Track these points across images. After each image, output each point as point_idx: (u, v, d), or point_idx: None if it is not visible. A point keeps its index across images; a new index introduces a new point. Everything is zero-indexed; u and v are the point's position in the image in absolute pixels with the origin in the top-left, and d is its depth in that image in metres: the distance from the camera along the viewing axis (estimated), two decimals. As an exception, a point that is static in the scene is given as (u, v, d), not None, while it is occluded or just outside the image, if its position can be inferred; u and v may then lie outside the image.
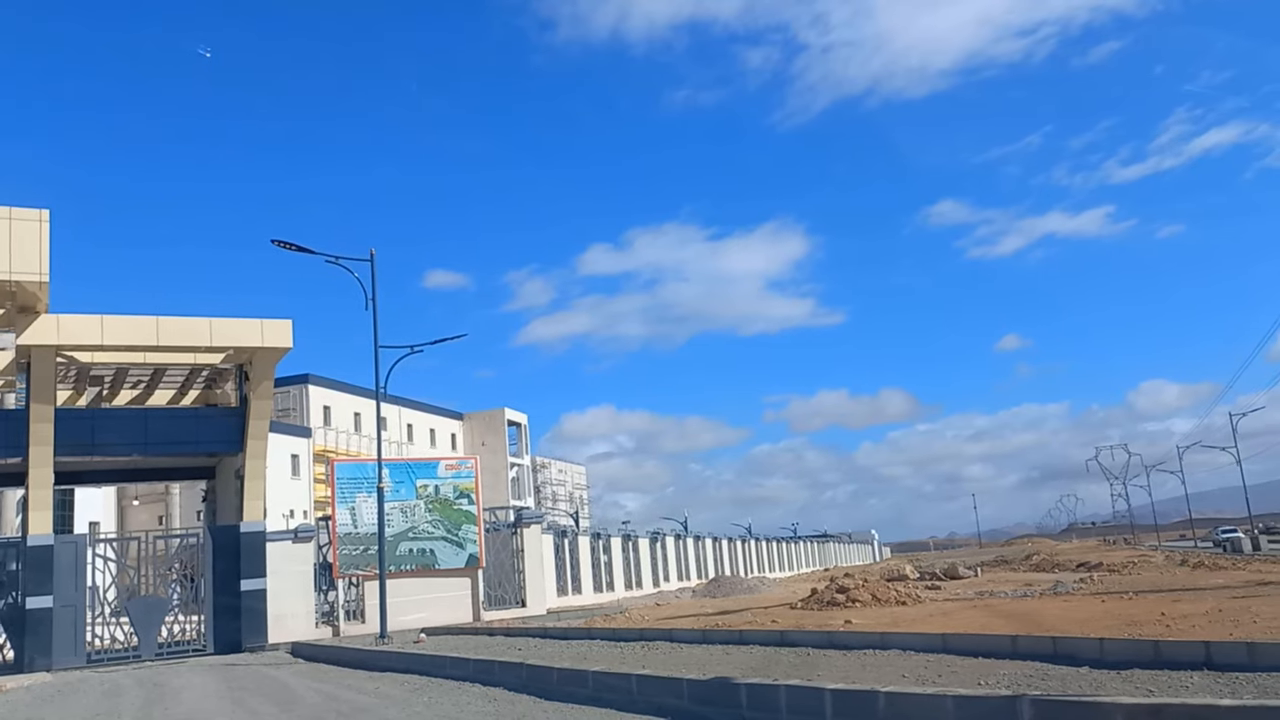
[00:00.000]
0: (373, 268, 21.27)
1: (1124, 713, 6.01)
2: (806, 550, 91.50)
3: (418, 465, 27.66)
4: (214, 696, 14.11)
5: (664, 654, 13.47)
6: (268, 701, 13.03)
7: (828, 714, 7.39)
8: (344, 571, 25.20)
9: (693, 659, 12.38)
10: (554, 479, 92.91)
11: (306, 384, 60.29)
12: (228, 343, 22.82)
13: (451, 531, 26.16)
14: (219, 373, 25.64)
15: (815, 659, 11.42)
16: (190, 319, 22.40)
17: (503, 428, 77.79)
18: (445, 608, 25.78)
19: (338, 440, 60.90)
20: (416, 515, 25.96)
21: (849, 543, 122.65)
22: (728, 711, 8.26)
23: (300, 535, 25.38)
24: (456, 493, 26.53)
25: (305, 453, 56.70)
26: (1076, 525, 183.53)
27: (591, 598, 37.47)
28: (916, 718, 6.83)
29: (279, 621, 23.29)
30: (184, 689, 15.41)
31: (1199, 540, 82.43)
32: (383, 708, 11.34)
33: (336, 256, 21.13)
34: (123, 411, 24.65)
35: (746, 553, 67.72)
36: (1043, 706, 6.31)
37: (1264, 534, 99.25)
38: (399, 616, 23.51)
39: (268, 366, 23.72)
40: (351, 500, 25.36)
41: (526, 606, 27.70)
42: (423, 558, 25.96)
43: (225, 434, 23.99)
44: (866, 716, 7.12)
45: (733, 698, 8.36)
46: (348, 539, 25.16)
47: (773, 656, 11.95)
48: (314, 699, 12.83)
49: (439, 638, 20.99)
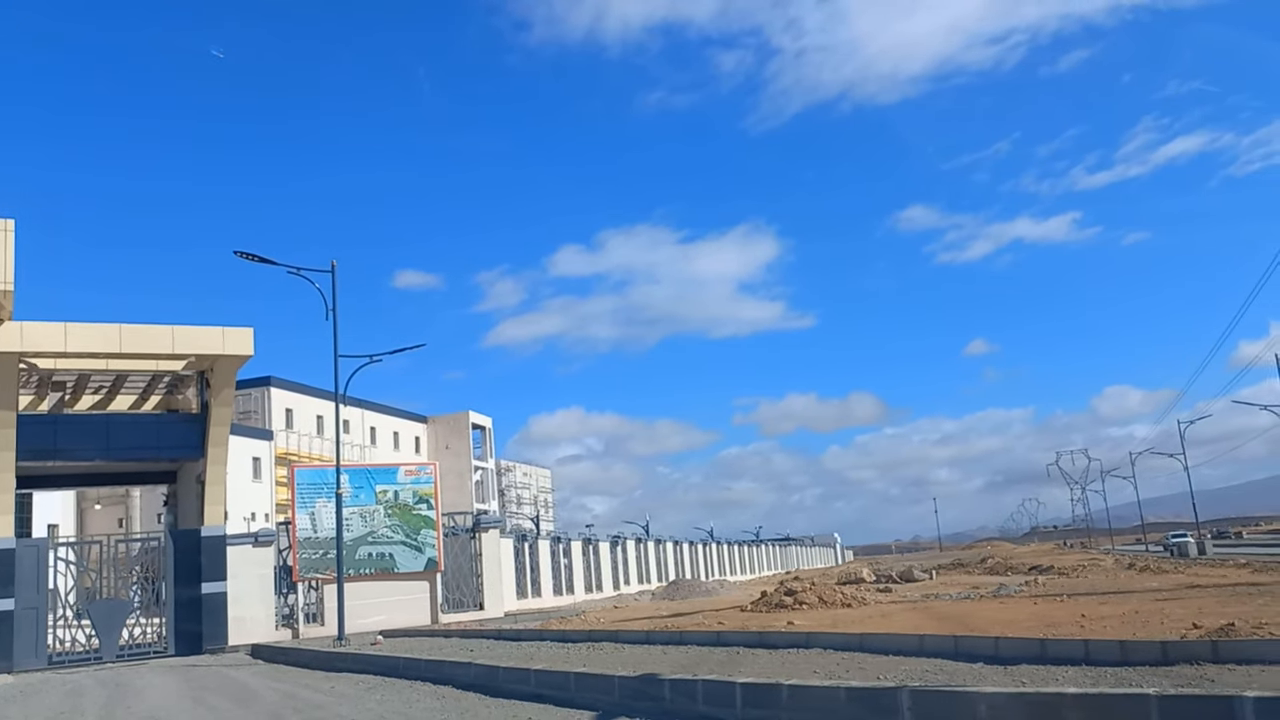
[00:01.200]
0: (333, 279, 21.86)
1: (985, 701, 6.85)
2: (769, 553, 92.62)
3: (377, 471, 28.22)
4: (175, 695, 14.66)
5: (607, 654, 14.21)
6: (228, 700, 13.62)
7: (738, 704, 8.18)
8: (304, 575, 25.69)
9: (633, 658, 13.13)
10: (518, 482, 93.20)
11: (269, 386, 60.26)
12: (190, 350, 23.23)
13: (410, 536, 26.73)
14: (181, 379, 26.01)
15: (744, 657, 12.22)
16: (153, 327, 22.79)
17: (467, 431, 78.04)
18: (404, 610, 26.34)
19: (300, 443, 60.93)
20: (376, 520, 26.51)
21: (811, 546, 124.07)
22: (653, 704, 9.03)
23: (261, 539, 25.84)
24: (416, 498, 27.10)
25: (267, 455, 56.78)
26: (1039, 529, 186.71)
27: (551, 600, 38.12)
28: (813, 706, 7.64)
29: (239, 624, 23.74)
30: (146, 689, 15.92)
31: (1150, 544, 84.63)
32: (337, 705, 11.99)
33: (298, 268, 21.69)
34: (85, 418, 24.97)
35: (708, 556, 68.60)
36: (919, 696, 7.14)
37: (1216, 538, 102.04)
38: (358, 619, 24.06)
39: (229, 373, 24.15)
40: (312, 505, 25.86)
41: (484, 609, 28.32)
42: (382, 561, 26.51)
43: (187, 440, 24.40)
44: (771, 705, 7.92)
45: (658, 692, 9.14)
46: (308, 543, 25.66)
47: (705, 655, 12.74)
48: (272, 697, 13.44)
49: (396, 640, 21.57)
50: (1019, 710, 6.67)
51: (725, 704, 8.30)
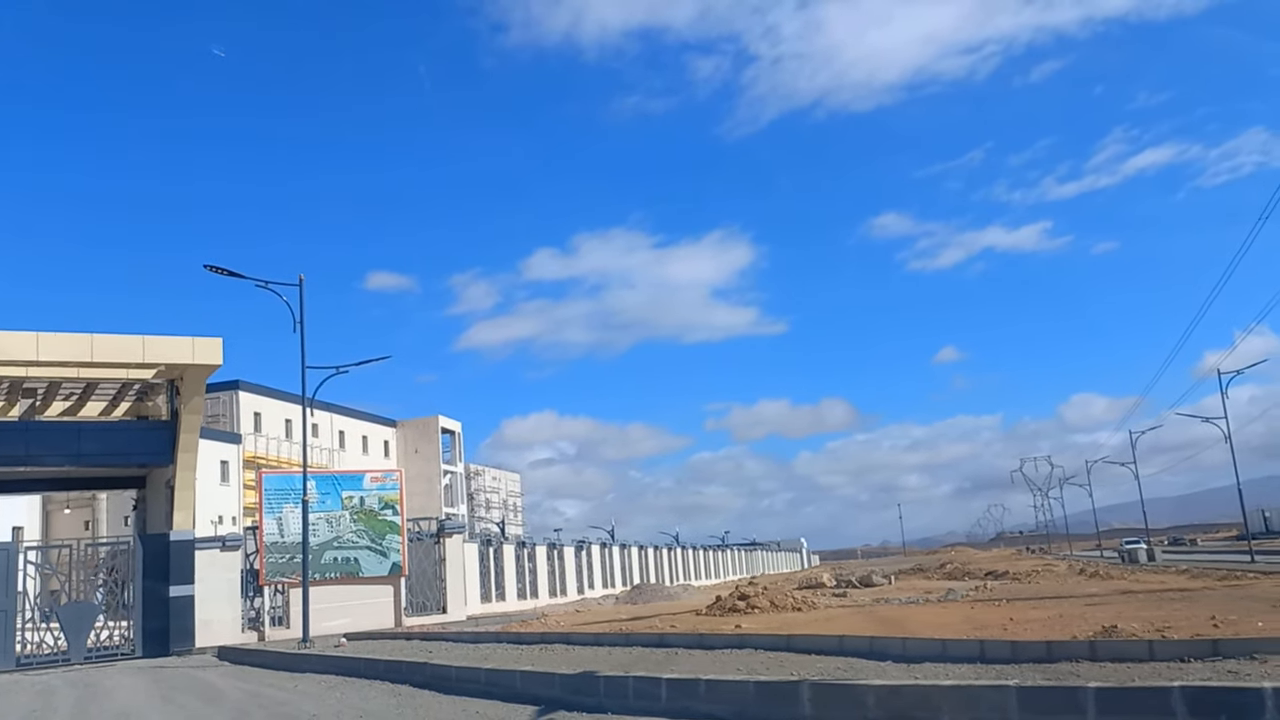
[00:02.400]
0: (301, 293, 22.56)
1: (873, 693, 7.80)
2: (734, 558, 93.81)
3: (344, 477, 28.88)
4: (145, 695, 15.33)
5: (557, 654, 15.05)
6: (195, 699, 14.34)
7: (663, 697, 9.09)
8: (270, 579, 26.30)
9: (579, 658, 13.96)
10: (488, 486, 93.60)
11: (237, 390, 60.39)
12: (160, 360, 23.84)
13: (376, 541, 27.43)
14: (150, 386, 26.55)
15: (681, 656, 13.11)
16: (124, 337, 23.40)
17: (436, 435, 78.36)
18: (368, 614, 27.01)
19: (268, 447, 61.14)
20: (342, 525, 27.18)
21: (777, 551, 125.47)
22: (589, 698, 9.91)
23: (228, 544, 26.43)
24: (381, 504, 27.80)
25: (235, 459, 56.99)
26: (1004, 534, 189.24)
27: (515, 604, 38.90)
28: (727, 698, 8.56)
29: (206, 626, 24.33)
30: (116, 689, 16.57)
31: (1106, 550, 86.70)
32: (299, 702, 12.76)
33: (266, 281, 22.36)
34: (57, 424, 25.45)
35: (673, 561, 69.62)
36: (817, 688, 8.08)
37: (1172, 545, 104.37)
38: (323, 622, 24.73)
39: (198, 382, 24.80)
40: (279, 510, 26.48)
41: (447, 613, 29.05)
42: (347, 566, 27.18)
43: (156, 446, 24.98)
44: (691, 698, 8.83)
45: (594, 687, 10.02)
46: (274, 547, 26.28)
47: (646, 655, 13.62)
48: (238, 696, 14.17)
49: (360, 642, 22.28)
50: (899, 701, 7.63)
51: (652, 697, 9.20)
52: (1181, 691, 6.87)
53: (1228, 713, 6.67)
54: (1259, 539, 76.71)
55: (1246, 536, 49.74)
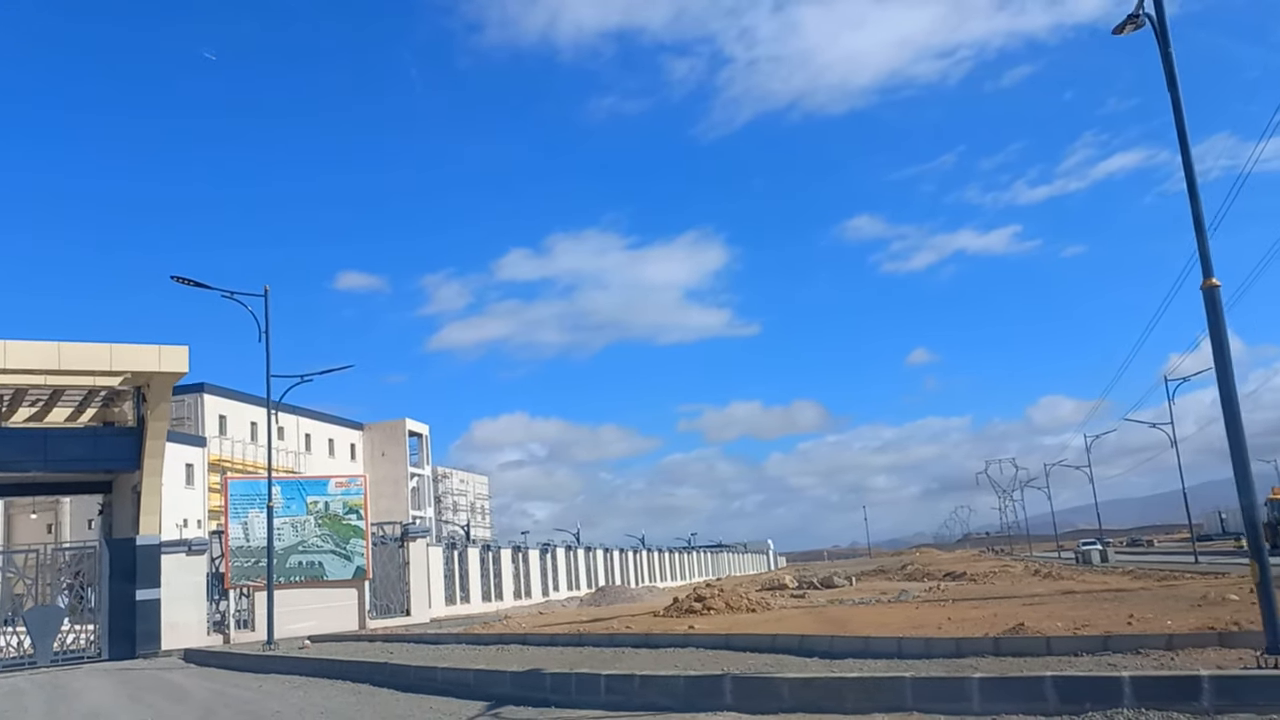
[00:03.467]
0: (266, 303, 23.07)
1: (788, 685, 8.62)
2: (700, 560, 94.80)
3: (309, 483, 29.40)
4: (113, 696, 15.88)
5: (512, 654, 15.79)
6: (164, 699, 14.92)
7: (601, 691, 9.87)
8: (235, 582, 26.79)
9: (532, 657, 14.71)
10: (455, 489, 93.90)
11: (202, 393, 60.38)
12: (126, 367, 24.28)
13: (340, 545, 27.99)
14: (117, 393, 26.92)
15: (628, 655, 13.89)
16: (91, 345, 23.83)
17: (404, 438, 78.59)
18: (333, 616, 27.56)
19: (233, 450, 61.20)
20: (307, 530, 27.71)
21: (744, 553, 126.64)
22: (536, 694, 10.67)
23: (194, 548, 26.87)
24: (346, 509, 28.36)
25: (200, 462, 57.07)
26: (971, 536, 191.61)
27: (479, 607, 39.50)
28: (659, 690, 9.36)
29: (172, 629, 24.79)
30: (84, 690, 17.08)
31: (1065, 551, 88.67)
32: (264, 700, 13.41)
33: (232, 292, 22.88)
34: (24, 431, 25.77)
35: (638, 563, 70.43)
36: (739, 681, 8.90)
37: (1130, 546, 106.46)
38: (288, 625, 25.25)
39: (165, 389, 25.25)
40: (244, 515, 26.97)
41: (411, 615, 29.66)
42: (312, 570, 27.72)
43: (123, 452, 25.40)
44: (627, 692, 9.63)
45: (541, 683, 10.79)
46: (240, 552, 26.76)
47: (595, 654, 14.40)
48: (204, 696, 14.78)
49: (324, 644, 22.85)
50: (810, 692, 8.46)
51: (592, 691, 9.98)
52: (1053, 680, 7.76)
53: (1091, 698, 7.55)
54: (1216, 540, 78.99)
55: (1191, 538, 51.36)
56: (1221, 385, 8.52)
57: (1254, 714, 7.08)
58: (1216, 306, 8.50)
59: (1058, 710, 7.54)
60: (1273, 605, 8.10)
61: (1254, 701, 7.18)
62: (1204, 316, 8.58)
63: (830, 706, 8.30)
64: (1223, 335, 8.52)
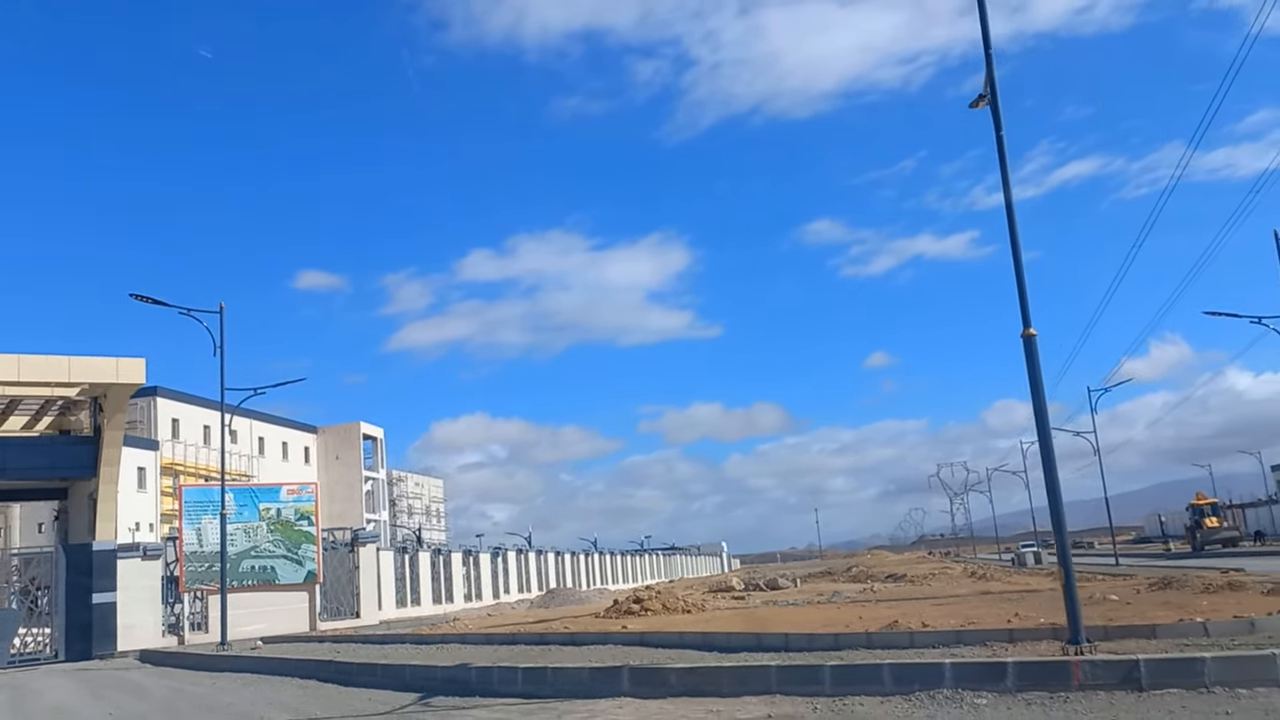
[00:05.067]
0: (221, 319, 24.13)
1: (675, 673, 10.07)
2: (653, 563, 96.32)
3: (262, 490, 30.45)
4: (76, 694, 16.93)
5: (450, 652, 17.07)
6: (124, 695, 16.04)
7: (519, 682, 11.27)
8: (190, 586, 27.76)
9: (467, 654, 16.02)
10: (410, 492, 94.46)
11: (155, 396, 60.58)
12: (84, 379, 25.19)
13: (292, 550, 29.05)
14: (74, 402, 27.76)
15: (556, 652, 15.27)
16: (51, 358, 24.72)
17: (358, 442, 79.09)
18: (285, 619, 28.62)
19: (186, 453, 61.51)
20: (259, 535, 28.75)
21: (697, 555, 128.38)
22: (463, 685, 12.02)
23: (149, 553, 27.79)
24: (298, 515, 29.43)
25: (152, 465, 57.44)
26: (926, 537, 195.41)
27: (430, 609, 40.60)
28: (568, 680, 10.80)
29: (128, 631, 25.72)
30: (46, 690, 18.08)
31: (1005, 554, 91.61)
32: (218, 695, 14.60)
33: (188, 309, 23.92)
34: (-19, 439, 26.56)
35: (589, 566, 71.76)
36: (635, 671, 10.34)
37: (1074, 547, 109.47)
38: (241, 627, 26.29)
39: (121, 400, 26.18)
40: (198, 522, 27.95)
41: (360, 617, 30.79)
42: (264, 574, 28.75)
43: (79, 460, 26.27)
44: (541, 682, 11.04)
45: (468, 676, 12.15)
46: (194, 557, 27.73)
47: (526, 651, 15.77)
48: (163, 692, 15.92)
49: (275, 644, 23.94)
50: (693, 678, 9.93)
51: (511, 682, 11.37)
52: (889, 667, 9.28)
53: (919, 681, 9.08)
54: (1155, 541, 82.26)
55: (1113, 541, 54.08)
56: (1039, 421, 10.11)
57: (1046, 693, 8.65)
58: (1033, 355, 10.09)
59: (892, 691, 9.06)
60: (1074, 605, 9.71)
61: (1047, 682, 8.76)
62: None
63: (709, 690, 9.75)
64: (1039, 380, 10.11)
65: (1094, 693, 8.50)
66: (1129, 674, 8.54)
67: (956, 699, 8.72)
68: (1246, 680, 8.31)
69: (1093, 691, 8.51)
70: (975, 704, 8.56)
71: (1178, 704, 7.99)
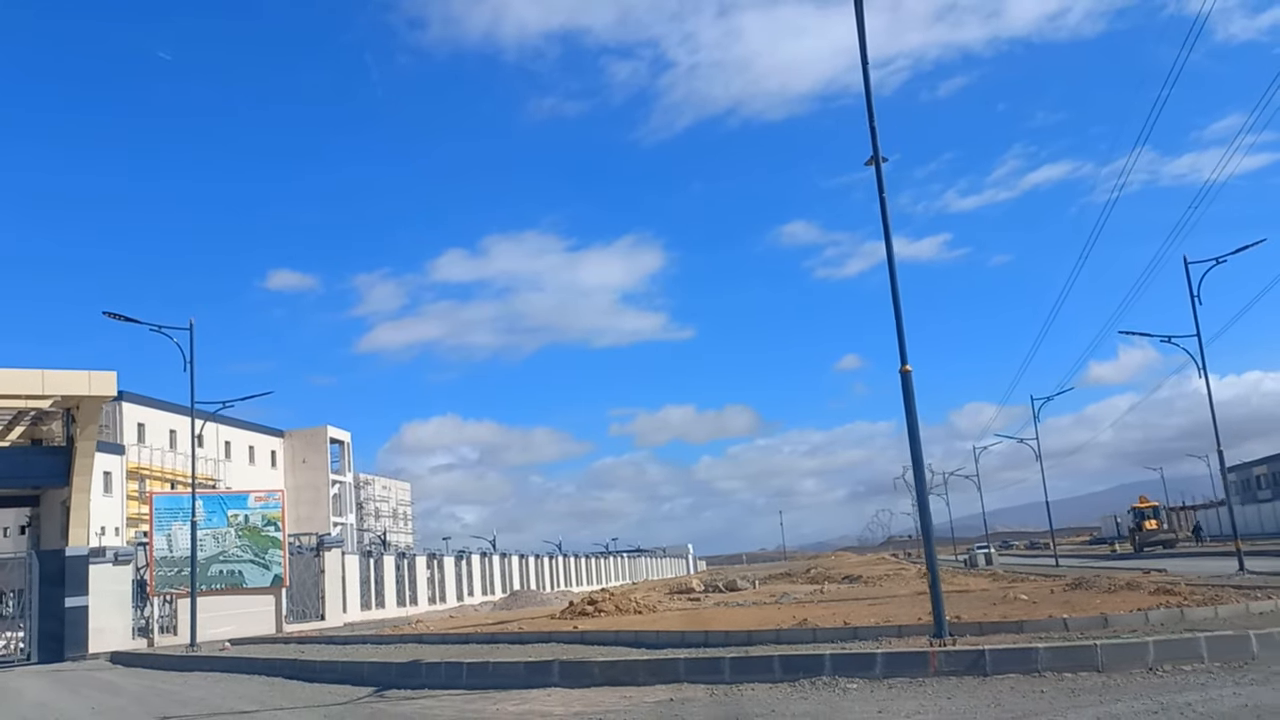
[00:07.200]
0: (191, 336, 25.18)
1: (598, 666, 11.51)
2: (618, 565, 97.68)
3: (230, 497, 31.54)
4: (53, 692, 18.08)
5: (407, 651, 18.39)
6: (100, 693, 17.23)
7: (464, 675, 12.67)
8: (160, 590, 28.82)
9: (421, 653, 17.37)
10: (377, 495, 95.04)
11: (121, 401, 60.77)
12: (58, 391, 26.25)
13: (259, 555, 30.19)
14: (45, 412, 28.79)
15: (503, 649, 16.66)
16: (25, 371, 25.76)
17: (325, 445, 79.59)
18: (252, 621, 29.75)
19: (152, 458, 61.92)
20: (227, 541, 29.86)
21: (663, 557, 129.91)
22: (414, 680, 13.39)
23: (120, 558, 28.82)
24: (265, 520, 30.57)
25: (118, 470, 57.87)
26: (894, 539, 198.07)
27: (394, 611, 41.74)
28: (504, 673, 12.23)
29: (99, 634, 26.77)
30: (23, 689, 19.20)
31: (959, 555, 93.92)
32: (188, 691, 15.85)
33: (159, 326, 24.95)
34: (-44, 450, 27.53)
35: (554, 569, 73.01)
36: (564, 665, 11.77)
37: (1030, 548, 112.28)
38: (209, 629, 27.40)
39: (94, 411, 27.24)
40: (168, 528, 29.02)
41: (325, 620, 31.97)
42: (232, 578, 29.87)
43: (52, 470, 27.33)
44: (483, 675, 12.46)
45: (418, 671, 13.53)
46: (164, 562, 28.79)
47: (474, 649, 17.16)
48: (136, 690, 17.12)
49: (242, 645, 25.11)
50: (614, 670, 11.36)
51: (456, 677, 12.76)
52: (779, 658, 10.79)
53: (804, 670, 10.58)
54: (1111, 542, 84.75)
55: (1052, 544, 56.23)
56: (913, 448, 11.66)
57: (907, 678, 10.17)
58: (909, 390, 11.64)
59: (781, 679, 10.55)
60: (939, 604, 11.27)
61: (908, 670, 10.29)
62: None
63: (627, 680, 11.19)
64: (913, 413, 11.67)
65: (946, 678, 10.04)
66: (975, 662, 10.10)
67: (832, 684, 10.22)
68: (1072, 666, 9.88)
69: (945, 677, 10.06)
70: (846, 688, 10.07)
71: (1009, 686, 9.55)
